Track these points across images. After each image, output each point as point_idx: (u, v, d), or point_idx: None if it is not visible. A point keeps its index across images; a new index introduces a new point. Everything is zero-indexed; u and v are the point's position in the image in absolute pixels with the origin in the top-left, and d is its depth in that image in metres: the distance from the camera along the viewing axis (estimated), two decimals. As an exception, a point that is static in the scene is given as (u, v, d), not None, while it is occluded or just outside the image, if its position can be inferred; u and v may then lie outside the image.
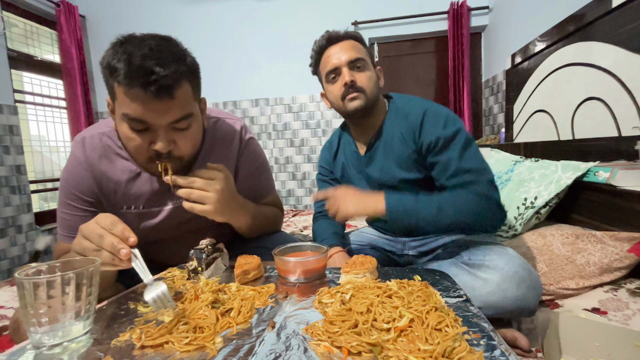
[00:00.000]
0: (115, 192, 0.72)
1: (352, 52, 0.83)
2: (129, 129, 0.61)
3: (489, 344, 0.38)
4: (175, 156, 0.65)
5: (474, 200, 0.72)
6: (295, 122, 2.92)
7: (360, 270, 0.60)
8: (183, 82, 0.59)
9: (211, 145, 0.77)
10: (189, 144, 0.66)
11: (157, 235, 0.78)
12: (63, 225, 0.72)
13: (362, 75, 0.83)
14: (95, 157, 0.70)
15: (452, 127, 0.77)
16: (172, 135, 0.62)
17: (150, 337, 0.42)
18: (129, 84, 0.55)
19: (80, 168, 0.70)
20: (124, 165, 0.71)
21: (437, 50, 2.81)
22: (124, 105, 0.58)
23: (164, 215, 0.76)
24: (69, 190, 0.71)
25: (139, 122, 0.59)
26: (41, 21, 2.75)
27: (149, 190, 0.72)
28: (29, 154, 2.56)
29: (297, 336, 0.43)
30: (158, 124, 0.60)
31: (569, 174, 1.06)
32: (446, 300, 0.51)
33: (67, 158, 0.72)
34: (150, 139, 0.61)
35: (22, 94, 2.57)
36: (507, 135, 2.08)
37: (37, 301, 0.40)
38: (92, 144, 0.70)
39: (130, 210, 0.74)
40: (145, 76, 0.54)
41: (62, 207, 0.72)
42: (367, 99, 0.83)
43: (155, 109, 0.58)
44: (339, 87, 0.85)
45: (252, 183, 0.84)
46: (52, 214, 2.74)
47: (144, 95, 0.56)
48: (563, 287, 0.84)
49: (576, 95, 1.42)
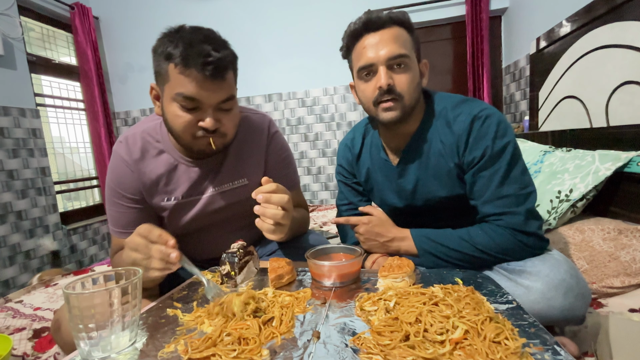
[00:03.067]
0: (156, 185, 0.76)
1: (393, 47, 0.68)
2: (179, 108, 0.66)
3: (555, 358, 0.36)
4: (220, 132, 0.70)
5: (507, 236, 0.65)
6: (309, 116, 2.89)
7: (399, 274, 0.58)
8: (230, 66, 0.68)
9: (243, 135, 0.82)
10: (231, 123, 0.72)
11: (194, 225, 0.82)
12: (113, 222, 0.77)
13: (403, 77, 0.69)
14: (137, 154, 0.75)
15: (503, 139, 0.66)
16: (218, 115, 0.68)
17: (197, 350, 0.41)
18: (187, 65, 0.62)
19: (124, 166, 0.75)
20: (162, 159, 0.76)
21: (454, 37, 2.71)
22: (179, 86, 0.64)
23: (202, 204, 0.79)
24: (114, 189, 0.76)
25: (192, 101, 0.64)
26: (57, 24, 2.79)
27: (187, 180, 0.77)
28: (52, 155, 2.63)
29: (346, 348, 0.41)
30: (208, 103, 0.66)
31: (607, 165, 1.01)
32: (495, 307, 0.49)
33: (110, 159, 0.78)
34: (198, 118, 0.67)
35: (43, 97, 2.63)
36: (532, 123, 2.00)
37: (85, 315, 0.40)
38: (134, 142, 0.75)
39: (170, 202, 0.78)
40: (203, 58, 0.61)
41: (110, 206, 0.77)
42: (405, 109, 0.70)
43: (208, 88, 0.64)
44: (372, 89, 0.71)
45: (279, 175, 0.86)
46: (77, 213, 2.82)
47: (200, 75, 0.62)
48: (607, 285, 0.81)
49: (611, 80, 1.33)
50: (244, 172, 0.82)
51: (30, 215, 2.35)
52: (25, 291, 1.20)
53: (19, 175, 2.29)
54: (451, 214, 0.80)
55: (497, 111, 0.70)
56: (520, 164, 0.68)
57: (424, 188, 0.78)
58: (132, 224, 0.75)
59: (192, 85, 0.63)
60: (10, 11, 2.29)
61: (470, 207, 0.74)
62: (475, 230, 0.69)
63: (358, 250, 0.67)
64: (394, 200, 0.85)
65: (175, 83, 0.64)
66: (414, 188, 0.79)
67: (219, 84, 0.65)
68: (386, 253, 0.78)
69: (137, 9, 3.00)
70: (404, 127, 0.76)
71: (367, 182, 0.90)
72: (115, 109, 3.16)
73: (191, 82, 0.63)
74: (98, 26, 3.04)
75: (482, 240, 0.67)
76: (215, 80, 0.64)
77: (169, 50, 0.63)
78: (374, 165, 0.86)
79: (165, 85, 0.66)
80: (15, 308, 1.07)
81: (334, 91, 2.82)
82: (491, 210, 0.68)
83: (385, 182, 0.85)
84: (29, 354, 0.83)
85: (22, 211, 2.30)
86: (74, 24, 2.74)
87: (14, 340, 0.88)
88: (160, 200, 0.77)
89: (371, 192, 0.92)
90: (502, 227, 0.66)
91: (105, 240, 3.00)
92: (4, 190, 2.19)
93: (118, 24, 3.05)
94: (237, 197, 0.82)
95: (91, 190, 3.08)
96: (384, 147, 0.83)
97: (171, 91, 0.65)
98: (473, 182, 0.70)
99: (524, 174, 0.68)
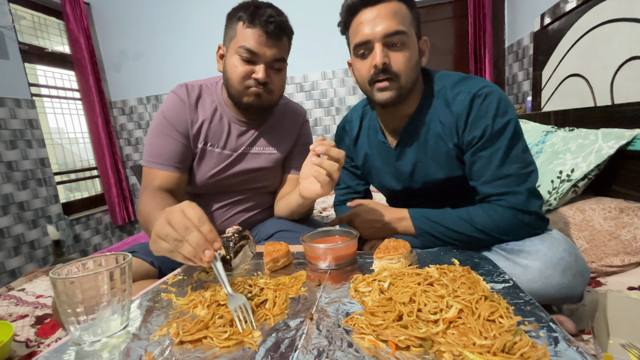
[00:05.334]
0: (201, 128, 0.86)
1: (390, 23, 0.64)
2: (239, 60, 0.78)
3: (550, 335, 0.35)
4: (268, 89, 0.80)
5: (508, 216, 0.64)
6: (307, 101, 2.85)
7: (395, 255, 0.57)
8: (287, 32, 0.80)
9: (282, 114, 0.95)
10: (279, 83, 0.83)
11: (214, 183, 0.90)
12: (155, 155, 0.84)
13: (400, 55, 0.66)
14: (194, 98, 0.86)
15: (503, 117, 0.64)
16: (270, 72, 0.79)
17: (188, 333, 0.41)
18: (252, 22, 0.75)
19: (181, 104, 0.85)
20: (213, 109, 0.87)
21: (455, 16, 2.63)
22: (243, 40, 0.77)
23: (232, 158, 0.89)
24: (165, 121, 0.84)
25: (251, 53, 0.76)
26: (48, 12, 2.72)
27: (228, 132, 0.88)
28: (50, 146, 2.62)
29: (338, 329, 0.41)
30: (263, 58, 0.77)
31: (611, 143, 0.98)
32: (491, 287, 0.48)
33: (165, 100, 0.88)
34: (252, 70, 0.78)
35: (38, 87, 2.60)
36: (534, 103, 1.95)
37: (73, 300, 0.39)
38: (192, 89, 0.87)
39: (208, 147, 0.87)
40: (267, 17, 0.75)
41: (156, 138, 0.84)
42: (401, 89, 0.68)
43: (266, 44, 0.77)
44: (367, 67, 0.68)
45: (301, 157, 0.94)
46: (79, 203, 2.83)
47: (261, 31, 0.75)
48: (606, 264, 0.80)
49: (617, 56, 1.29)
50: (275, 143, 0.93)
51: (32, 206, 2.37)
52: (27, 279, 1.21)
53: (18, 166, 2.29)
54: (450, 195, 0.79)
55: (497, 88, 0.67)
56: (522, 142, 0.66)
57: (422, 170, 0.77)
58: (173, 157, 0.84)
59: (253, 40, 0.76)
60: (-1, -2, 2.24)
61: (469, 188, 0.73)
62: (475, 210, 0.67)
63: (354, 232, 0.66)
64: (392, 183, 0.84)
65: (240, 37, 0.77)
66: (412, 170, 0.78)
67: (275, 42, 0.77)
68: (386, 236, 0.77)
69: (128, -6, 2.92)
70: (402, 108, 0.74)
71: (365, 165, 0.89)
72: (111, 98, 3.12)
73: (253, 36, 0.76)
74: (90, 13, 2.97)
75: (482, 220, 0.65)
76: (273, 39, 0.77)
77: (240, 13, 0.77)
78: (372, 148, 0.84)
79: (231, 42, 0.79)
80: (17, 296, 1.09)
81: (332, 75, 2.77)
82: (492, 191, 0.66)
83: (383, 165, 0.83)
84: (32, 340, 0.85)
85: (24, 202, 2.31)
86: (65, 10, 2.68)
87: (17, 327, 0.89)
88: (200, 142, 0.87)
89: (369, 175, 0.91)
90: (503, 207, 0.65)
91: (108, 230, 3.02)
92: (4, 182, 2.20)
93: (110, 10, 2.97)
94: (263, 162, 0.92)
95: (92, 180, 3.09)
96: (382, 129, 0.81)
97: (235, 45, 0.78)
98: (472, 162, 0.69)
99: (525, 153, 0.66)
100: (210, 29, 2.78)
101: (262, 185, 0.95)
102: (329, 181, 0.65)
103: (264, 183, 0.95)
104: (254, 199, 0.96)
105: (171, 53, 2.93)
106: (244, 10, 0.77)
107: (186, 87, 0.87)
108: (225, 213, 0.93)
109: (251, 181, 0.93)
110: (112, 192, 2.94)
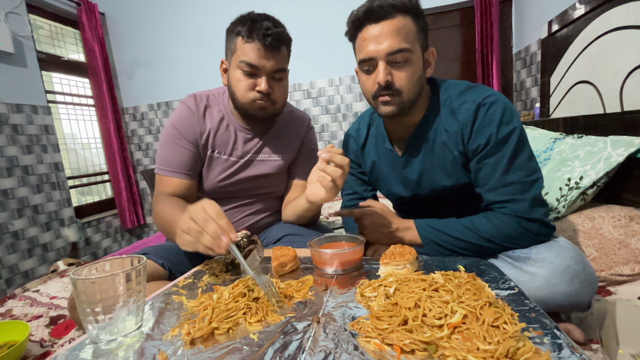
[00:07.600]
0: (209, 137, 0.90)
1: (393, 41, 0.65)
2: (242, 74, 0.81)
3: (554, 342, 0.36)
4: (272, 99, 0.84)
5: (511, 224, 0.64)
6: (314, 107, 2.88)
7: (401, 262, 0.58)
8: (285, 42, 0.82)
9: (287, 122, 0.98)
10: (281, 93, 0.86)
11: (221, 188, 0.93)
12: (166, 163, 0.88)
13: (402, 74, 0.67)
14: (202, 108, 0.90)
15: (508, 125, 0.65)
16: (271, 82, 0.82)
17: (199, 330, 0.43)
18: (251, 36, 0.77)
19: (190, 113, 0.89)
20: (220, 118, 0.91)
21: (463, 23, 2.64)
22: (242, 54, 0.79)
23: (238, 165, 0.92)
24: (175, 131, 0.88)
25: (252, 67, 0.79)
26: (64, 21, 2.82)
27: (233, 139, 0.91)
28: (64, 151, 2.70)
29: (344, 332, 0.42)
30: (265, 70, 0.80)
31: (620, 151, 0.98)
32: (496, 293, 0.48)
33: (175, 110, 0.92)
34: (255, 83, 0.81)
35: (54, 94, 2.68)
36: (542, 110, 1.94)
37: (92, 300, 0.41)
38: (201, 99, 0.91)
39: (215, 154, 0.91)
40: (265, 30, 0.77)
41: (167, 147, 0.88)
42: (403, 103, 0.69)
43: (265, 57, 0.79)
44: (371, 83, 0.70)
45: (307, 163, 0.99)
46: (90, 207, 2.90)
47: (260, 44, 0.77)
48: (616, 273, 0.79)
49: (627, 63, 1.28)
50: (280, 150, 0.96)
51: (46, 209, 2.43)
52: (42, 281, 1.25)
53: (33, 170, 2.36)
54: (457, 202, 0.80)
55: (502, 97, 0.68)
56: (527, 150, 0.67)
57: (429, 178, 0.78)
58: (184, 164, 0.88)
59: (253, 53, 0.78)
60: (19, 9, 2.33)
61: (476, 196, 0.73)
62: (479, 219, 0.68)
63: (360, 238, 0.67)
64: (399, 190, 0.85)
65: (240, 52, 0.80)
66: (419, 178, 0.79)
67: (274, 54, 0.80)
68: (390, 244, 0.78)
69: (142, 5, 3.01)
70: (408, 118, 0.75)
71: (372, 172, 0.90)
72: (123, 104, 3.20)
73: (252, 50, 0.78)
74: (104, 22, 3.07)
75: (486, 228, 0.66)
76: (271, 51, 0.79)
77: (238, 28, 0.79)
78: (379, 156, 0.86)
79: (232, 57, 0.82)
80: (32, 297, 1.12)
81: (339, 82, 2.80)
82: (496, 198, 0.67)
83: (390, 172, 0.85)
84: (46, 340, 0.87)
85: (38, 205, 2.37)
86: (81, 20, 2.77)
87: (32, 327, 0.92)
88: (208, 150, 0.90)
89: (377, 182, 0.92)
90: (506, 214, 0.65)
91: (117, 233, 3.08)
92: (20, 185, 2.27)
93: (124, 20, 3.07)
94: (269, 169, 0.94)
95: (103, 185, 3.16)
96: (389, 137, 0.83)
97: (237, 59, 0.80)
98: (478, 169, 0.69)
99: (529, 160, 0.66)
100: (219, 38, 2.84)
101: (268, 191, 0.98)
102: (333, 187, 0.67)
103: (270, 189, 0.98)
104: (261, 204, 0.98)
105: (181, 61, 3.00)
106: (241, 25, 0.79)
107: (194, 97, 0.90)
108: (234, 216, 0.96)
109: (258, 187, 0.96)
110: (123, 196, 3.00)
